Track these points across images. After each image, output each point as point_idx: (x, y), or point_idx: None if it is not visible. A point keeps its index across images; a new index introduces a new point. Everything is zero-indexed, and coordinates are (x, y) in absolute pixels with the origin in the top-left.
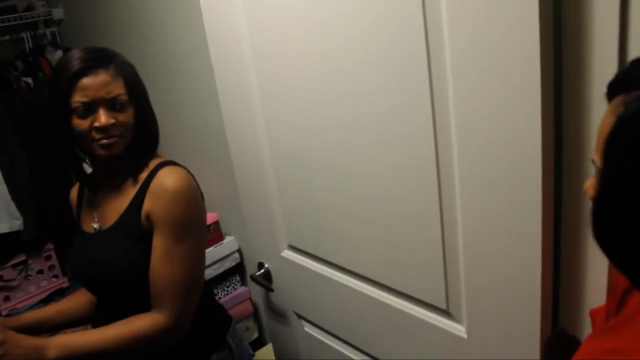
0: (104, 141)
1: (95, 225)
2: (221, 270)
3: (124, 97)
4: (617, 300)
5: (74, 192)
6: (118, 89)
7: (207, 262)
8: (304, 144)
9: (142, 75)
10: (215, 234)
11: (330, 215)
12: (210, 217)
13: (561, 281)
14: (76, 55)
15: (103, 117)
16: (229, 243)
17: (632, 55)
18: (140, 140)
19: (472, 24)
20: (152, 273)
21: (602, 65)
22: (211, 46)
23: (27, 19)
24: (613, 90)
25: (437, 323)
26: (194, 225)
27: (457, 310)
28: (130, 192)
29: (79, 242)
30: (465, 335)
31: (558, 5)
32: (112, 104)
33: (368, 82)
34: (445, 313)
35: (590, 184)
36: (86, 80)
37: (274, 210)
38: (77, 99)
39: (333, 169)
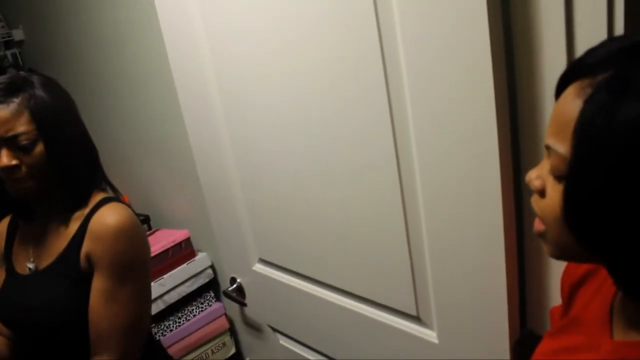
0: (10, 183)
1: (31, 266)
2: (194, 287)
3: (28, 136)
4: (565, 301)
5: (2, 226)
6: (20, 127)
7: (181, 280)
8: (269, 158)
9: (105, 93)
10: (187, 251)
11: (298, 227)
12: (182, 234)
13: (527, 282)
14: None
15: (5, 158)
16: (202, 259)
17: (579, 41)
18: (61, 177)
19: (425, 32)
20: (93, 317)
21: (552, 63)
22: (172, 64)
23: None
24: (568, 78)
25: (408, 329)
26: (138, 265)
27: (428, 316)
28: (70, 230)
29: (10, 283)
30: (436, 341)
31: (506, 6)
32: (14, 144)
33: (329, 97)
34: (416, 319)
35: (536, 174)
36: None
37: (243, 225)
38: None
39: (298, 183)
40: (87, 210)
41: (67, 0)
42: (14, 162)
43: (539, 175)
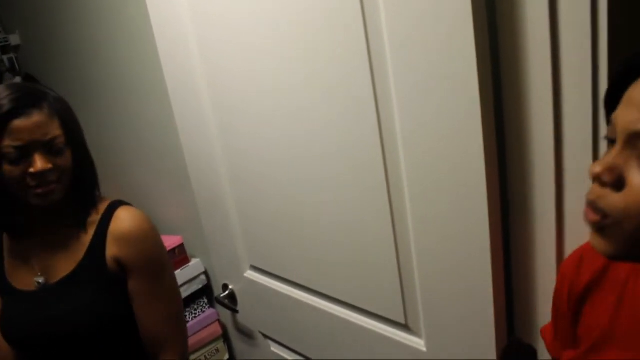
0: (40, 190)
1: (40, 280)
2: (188, 293)
3: (62, 140)
4: (572, 311)
5: None
6: (55, 131)
7: None
8: (260, 165)
9: (100, 99)
10: (180, 257)
11: (288, 235)
12: (175, 240)
13: (514, 290)
14: (3, 94)
15: (39, 163)
16: (195, 265)
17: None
18: (80, 182)
19: (410, 30)
20: (144, 320)
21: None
22: (165, 70)
23: None
24: (632, 75)
25: (397, 338)
26: (166, 260)
27: (416, 325)
28: (85, 237)
29: (14, 302)
30: (424, 349)
31: (492, 15)
32: (48, 148)
33: (318, 104)
34: (405, 327)
35: (606, 167)
36: (19, 122)
37: (235, 232)
38: (9, 143)
39: (288, 190)
40: (98, 217)
41: (64, 7)
42: (49, 165)
43: (610, 168)
